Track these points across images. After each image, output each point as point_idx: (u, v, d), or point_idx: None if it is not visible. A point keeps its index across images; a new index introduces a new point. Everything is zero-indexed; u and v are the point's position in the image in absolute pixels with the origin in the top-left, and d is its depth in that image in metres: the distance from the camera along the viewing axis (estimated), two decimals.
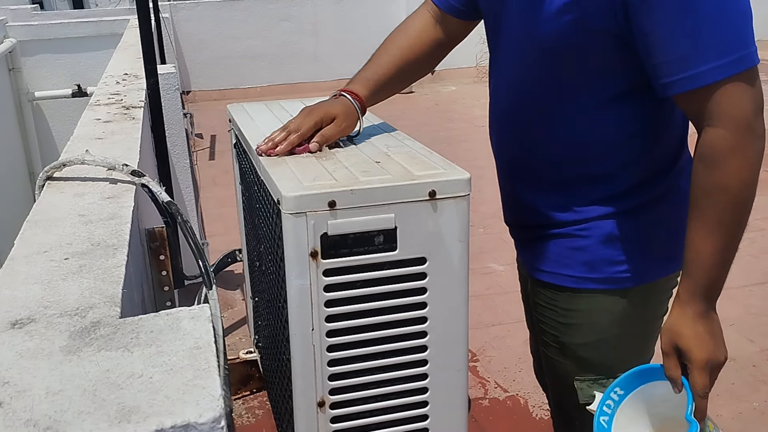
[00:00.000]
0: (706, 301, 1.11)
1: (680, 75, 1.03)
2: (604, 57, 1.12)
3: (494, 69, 1.32)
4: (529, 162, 1.28)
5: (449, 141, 6.13)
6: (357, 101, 1.34)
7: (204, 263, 1.10)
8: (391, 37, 1.44)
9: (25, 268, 0.94)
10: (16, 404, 0.64)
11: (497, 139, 1.35)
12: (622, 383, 1.15)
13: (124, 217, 1.11)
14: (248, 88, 8.66)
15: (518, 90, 1.24)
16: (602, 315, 1.27)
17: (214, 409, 0.64)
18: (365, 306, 1.07)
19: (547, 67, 1.16)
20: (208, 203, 4.71)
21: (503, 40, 1.25)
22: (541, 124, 1.23)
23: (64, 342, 0.75)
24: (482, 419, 2.51)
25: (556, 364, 1.35)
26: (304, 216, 1.01)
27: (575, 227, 1.25)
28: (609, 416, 1.14)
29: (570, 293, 1.28)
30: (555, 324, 1.32)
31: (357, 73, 1.42)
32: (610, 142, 1.20)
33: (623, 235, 1.23)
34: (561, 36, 1.10)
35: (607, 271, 1.24)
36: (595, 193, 1.23)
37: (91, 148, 1.41)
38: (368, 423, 1.14)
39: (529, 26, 1.15)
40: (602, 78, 1.15)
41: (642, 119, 1.19)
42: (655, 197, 1.24)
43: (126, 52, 3.46)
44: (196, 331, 0.76)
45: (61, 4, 13.27)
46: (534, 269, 1.33)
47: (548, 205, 1.27)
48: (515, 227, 1.41)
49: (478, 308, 3.17)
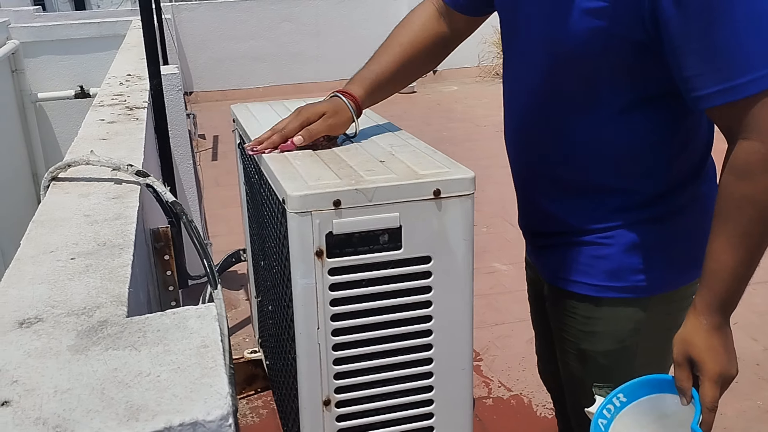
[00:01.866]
0: (722, 314, 1.08)
1: (715, 88, 0.99)
2: (627, 65, 1.09)
3: (509, 73, 1.29)
4: (549, 170, 1.25)
5: (452, 141, 6.13)
6: (351, 101, 1.32)
7: (209, 263, 1.11)
8: (394, 32, 1.42)
9: (32, 268, 0.94)
10: (25, 403, 0.65)
11: (514, 146, 1.33)
12: (626, 390, 1.14)
13: (129, 217, 1.11)
14: (250, 89, 8.67)
15: (537, 96, 1.21)
16: (624, 323, 1.25)
17: (221, 407, 0.64)
18: (370, 305, 1.08)
19: (568, 73, 1.14)
20: (211, 204, 4.72)
21: (519, 43, 1.22)
22: (561, 133, 1.20)
23: (71, 341, 0.75)
24: (486, 418, 2.51)
25: (575, 371, 1.34)
26: (309, 215, 1.02)
27: (598, 235, 1.23)
28: (608, 420, 1.13)
29: (592, 301, 1.26)
30: (575, 331, 1.30)
31: (357, 72, 1.40)
32: (632, 151, 1.17)
33: (647, 244, 1.21)
34: (585, 42, 1.08)
35: (631, 279, 1.23)
36: (619, 201, 1.21)
37: (96, 148, 1.42)
38: (374, 421, 1.14)
39: (550, 30, 1.12)
40: (624, 86, 1.12)
41: (667, 127, 1.16)
42: (679, 205, 1.22)
43: (129, 53, 3.46)
44: (203, 329, 0.77)
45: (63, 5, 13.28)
46: (554, 277, 1.31)
47: (569, 213, 1.25)
48: (532, 234, 1.39)
49: (482, 307, 3.17)
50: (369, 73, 1.38)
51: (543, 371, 1.61)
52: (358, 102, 1.34)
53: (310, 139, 1.27)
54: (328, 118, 1.29)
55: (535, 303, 1.51)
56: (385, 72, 1.38)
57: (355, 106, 1.33)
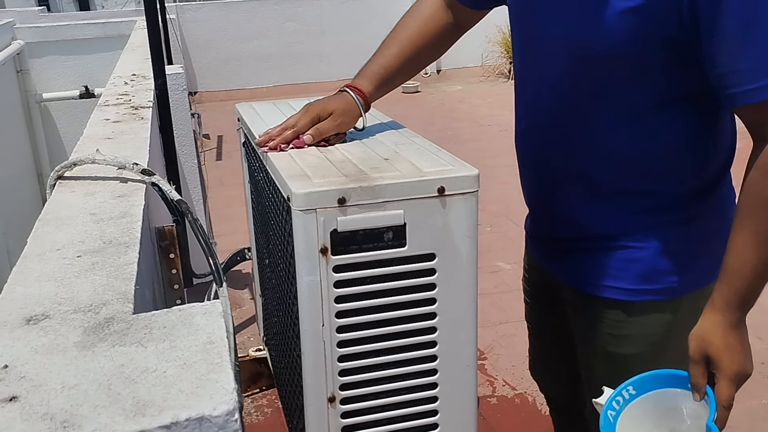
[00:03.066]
0: (741, 311, 1.08)
1: (748, 86, 0.99)
2: (661, 64, 1.08)
3: (529, 72, 1.26)
4: (577, 173, 1.23)
5: (456, 140, 6.13)
6: (360, 97, 1.34)
7: (214, 260, 1.11)
8: (401, 23, 1.43)
9: (39, 266, 0.95)
10: (33, 398, 0.65)
11: (535, 148, 1.29)
12: (636, 383, 1.13)
13: (135, 215, 1.12)
14: (255, 89, 8.68)
15: (565, 97, 1.18)
16: (657, 326, 1.25)
17: (227, 402, 0.64)
18: (375, 302, 1.08)
19: (600, 73, 1.12)
20: (216, 204, 4.72)
21: (540, 42, 1.19)
22: (588, 136, 1.18)
23: (78, 338, 0.76)
24: (490, 417, 2.51)
25: (601, 374, 1.32)
26: (314, 213, 1.02)
27: (629, 239, 1.22)
28: (617, 412, 1.13)
29: (624, 305, 1.25)
30: (604, 335, 1.28)
31: (365, 65, 1.41)
32: (664, 152, 1.16)
33: (677, 245, 1.21)
34: (620, 42, 1.06)
35: (664, 281, 1.22)
36: (650, 203, 1.20)
37: (101, 147, 1.42)
38: (378, 418, 1.14)
39: (580, 31, 1.10)
40: (657, 85, 1.11)
41: (698, 128, 1.16)
42: (706, 206, 1.22)
43: (133, 53, 3.47)
44: (209, 326, 0.77)
45: (68, 6, 13.31)
46: (581, 282, 1.29)
47: (597, 217, 1.24)
48: (548, 239, 1.37)
49: (486, 306, 3.17)
50: (377, 67, 1.39)
51: (537, 372, 1.59)
52: (366, 97, 1.36)
53: (319, 137, 1.29)
54: (338, 117, 1.32)
55: (541, 306, 1.49)
56: (393, 65, 1.39)
57: (364, 101, 1.35)
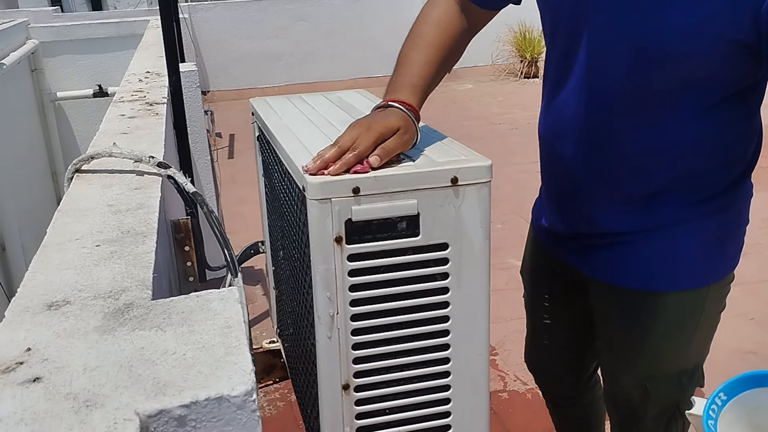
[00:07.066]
0: None
1: None
2: (728, 66, 1.10)
3: (564, 76, 1.26)
4: (615, 172, 1.24)
5: (467, 138, 6.10)
6: (412, 112, 1.21)
7: (230, 251, 1.13)
8: (418, 32, 1.35)
9: (58, 255, 0.96)
10: (56, 379, 0.67)
11: (576, 146, 1.28)
12: (726, 389, 1.13)
13: (151, 206, 1.14)
14: (266, 88, 8.72)
15: (618, 97, 1.18)
16: (691, 313, 1.28)
17: (246, 383, 0.66)
18: (388, 291, 1.09)
19: (661, 74, 1.12)
20: (228, 201, 4.75)
21: (588, 40, 1.18)
22: (639, 135, 1.19)
23: (98, 322, 0.77)
24: (502, 411, 2.52)
25: (621, 365, 1.36)
26: (328, 202, 1.03)
27: (663, 232, 1.24)
28: (714, 420, 1.13)
29: (656, 296, 1.27)
30: (632, 326, 1.31)
31: (396, 78, 1.30)
32: (711, 148, 1.19)
33: (711, 235, 1.24)
34: (692, 46, 1.06)
35: (696, 271, 1.25)
36: (688, 197, 1.22)
37: (118, 142, 1.44)
38: (392, 406, 1.15)
39: (642, 34, 1.10)
40: (717, 85, 1.13)
41: (742, 121, 1.19)
42: (737, 196, 1.25)
43: (147, 52, 3.50)
44: (226, 311, 0.79)
45: (80, 6, 13.39)
46: (609, 275, 1.32)
47: (634, 214, 1.26)
48: (572, 235, 1.38)
49: (497, 302, 3.14)
50: (415, 78, 1.30)
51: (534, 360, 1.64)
52: (417, 113, 1.24)
53: (386, 157, 1.10)
54: (404, 135, 1.15)
55: (548, 296, 1.52)
56: (427, 75, 1.32)
57: (417, 117, 1.23)
